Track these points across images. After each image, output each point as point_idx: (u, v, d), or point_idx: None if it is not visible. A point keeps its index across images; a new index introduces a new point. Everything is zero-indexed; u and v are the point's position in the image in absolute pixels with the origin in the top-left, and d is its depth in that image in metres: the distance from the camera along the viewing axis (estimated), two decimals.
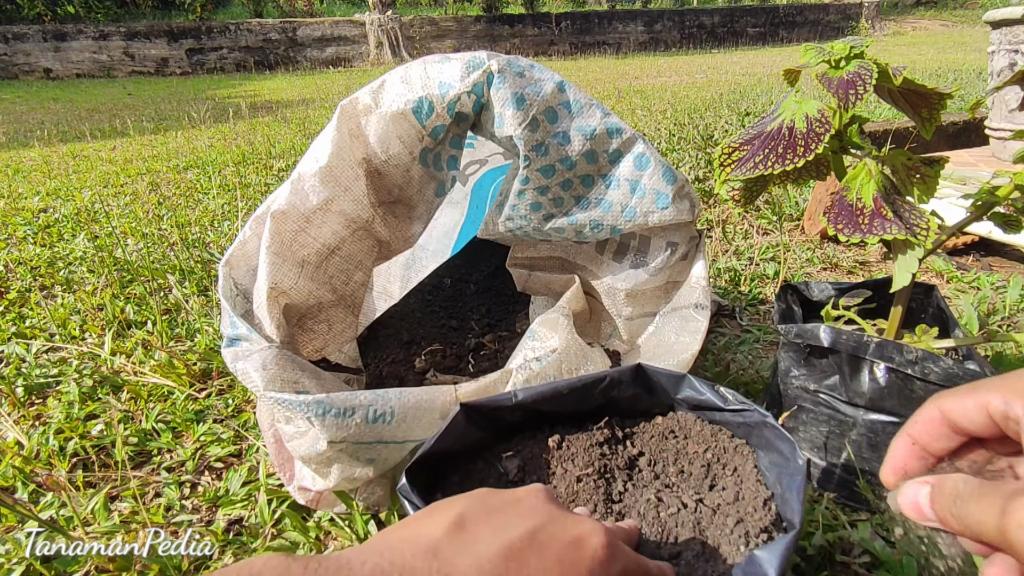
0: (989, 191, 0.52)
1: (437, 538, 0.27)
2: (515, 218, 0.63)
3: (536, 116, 0.56)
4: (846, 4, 10.24)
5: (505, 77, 0.55)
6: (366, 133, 0.57)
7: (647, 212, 0.61)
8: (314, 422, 0.46)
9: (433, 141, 0.58)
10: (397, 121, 0.56)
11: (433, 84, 0.55)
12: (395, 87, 0.56)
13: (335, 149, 0.56)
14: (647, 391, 0.49)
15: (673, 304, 0.69)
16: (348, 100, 0.56)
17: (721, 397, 0.46)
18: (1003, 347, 0.78)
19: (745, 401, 0.45)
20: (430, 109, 0.55)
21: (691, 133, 2.29)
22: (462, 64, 0.55)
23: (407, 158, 0.57)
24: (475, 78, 0.55)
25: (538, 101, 0.56)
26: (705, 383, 0.47)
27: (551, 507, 0.30)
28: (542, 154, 0.58)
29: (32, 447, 0.70)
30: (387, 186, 0.59)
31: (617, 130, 0.59)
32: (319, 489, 0.55)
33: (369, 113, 0.56)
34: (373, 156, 0.57)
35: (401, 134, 0.57)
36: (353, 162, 0.57)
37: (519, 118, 0.55)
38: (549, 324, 0.59)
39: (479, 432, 0.46)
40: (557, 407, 0.47)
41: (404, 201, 0.62)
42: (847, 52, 0.48)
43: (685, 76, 5.07)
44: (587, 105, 0.59)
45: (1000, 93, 1.55)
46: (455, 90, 0.55)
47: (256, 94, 5.07)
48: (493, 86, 0.55)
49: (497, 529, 0.28)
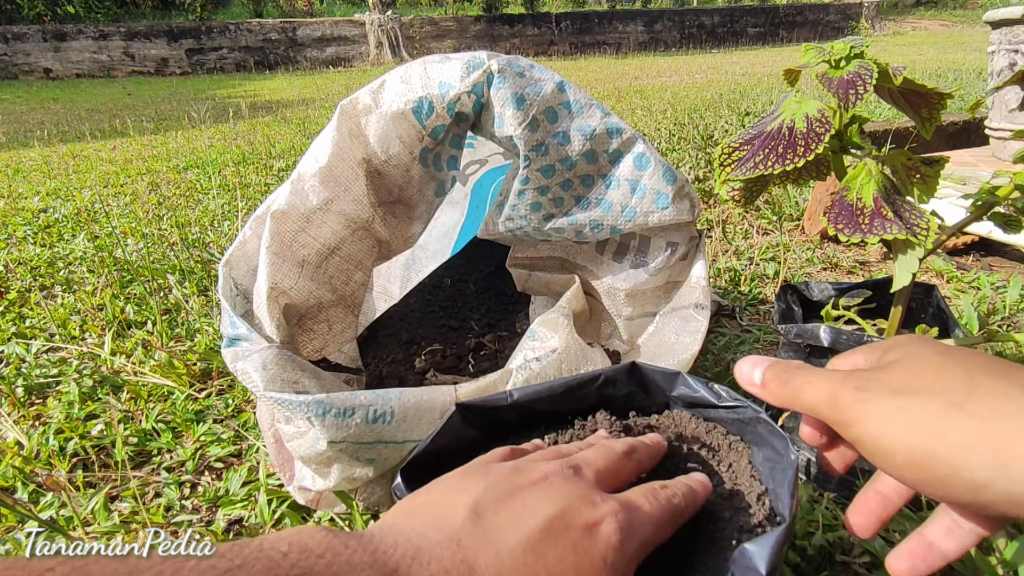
0: (989, 191, 0.52)
1: (459, 526, 0.28)
2: (515, 218, 0.63)
3: (536, 116, 0.56)
4: (846, 4, 10.25)
5: (505, 77, 0.55)
6: (366, 133, 0.57)
7: (647, 212, 0.61)
8: (314, 422, 0.46)
9: (433, 141, 0.58)
10: (397, 121, 0.56)
11: (433, 84, 0.55)
12: (395, 87, 0.56)
13: (335, 149, 0.56)
14: (642, 389, 0.49)
15: (673, 304, 0.69)
16: (348, 100, 0.56)
17: (715, 394, 0.46)
18: (1003, 347, 0.78)
19: (739, 398, 0.45)
20: (430, 109, 0.55)
21: (691, 133, 2.29)
22: (462, 64, 0.55)
23: (407, 158, 0.57)
24: (475, 78, 0.55)
25: (538, 101, 0.56)
26: (700, 380, 0.47)
27: (569, 488, 0.31)
28: (542, 154, 0.58)
29: (32, 447, 0.70)
30: (387, 186, 0.59)
31: (617, 130, 0.59)
32: (319, 489, 0.55)
33: (369, 113, 0.56)
34: (373, 156, 0.57)
35: (401, 134, 0.57)
36: (353, 162, 0.57)
37: (519, 118, 0.55)
38: (549, 324, 0.59)
39: (474, 431, 0.46)
40: (552, 406, 0.47)
41: (404, 201, 0.62)
42: (847, 52, 0.48)
43: (685, 76, 5.07)
44: (587, 105, 0.59)
45: (1000, 93, 1.55)
46: (455, 90, 0.55)
47: (256, 94, 5.07)
48: (493, 86, 0.55)
49: (515, 519, 0.28)
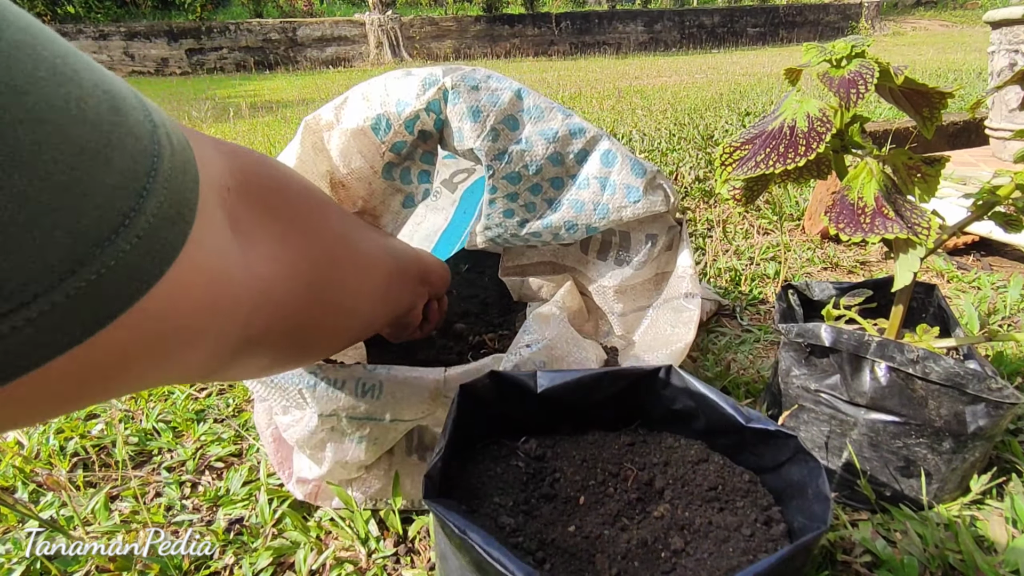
0: (990, 191, 0.52)
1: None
2: (492, 227, 0.63)
3: (495, 126, 0.57)
4: (846, 4, 10.25)
5: (460, 92, 0.56)
6: (328, 148, 0.58)
7: (620, 207, 0.61)
8: (305, 394, 0.48)
9: (397, 156, 0.58)
10: (357, 137, 0.57)
11: (391, 102, 0.56)
12: (356, 104, 0.57)
13: (299, 163, 0.57)
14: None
15: (664, 296, 0.69)
16: (312, 116, 0.58)
17: (745, 417, 0.43)
18: (1004, 346, 0.78)
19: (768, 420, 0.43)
20: (387, 127, 0.56)
21: (691, 133, 2.29)
22: (419, 82, 0.56)
23: (368, 172, 0.58)
24: (430, 95, 0.56)
25: (495, 111, 0.57)
26: (731, 403, 0.44)
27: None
28: (506, 162, 0.58)
29: (32, 447, 0.70)
30: (351, 197, 0.61)
31: (580, 130, 0.60)
32: (316, 477, 0.55)
33: (331, 128, 0.58)
34: (335, 169, 0.59)
35: (362, 149, 0.58)
36: (317, 175, 0.58)
37: (476, 130, 0.56)
38: (542, 318, 0.60)
39: (494, 412, 0.46)
40: (579, 397, 0.47)
41: (369, 211, 0.63)
42: (848, 51, 0.48)
43: (685, 76, 5.07)
44: (547, 109, 0.59)
45: (1000, 93, 1.55)
46: (411, 108, 0.56)
47: (256, 94, 5.07)
48: (449, 102, 0.56)
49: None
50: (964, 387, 0.50)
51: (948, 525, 0.52)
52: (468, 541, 0.30)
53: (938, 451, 0.52)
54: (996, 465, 0.60)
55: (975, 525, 0.53)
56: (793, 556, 0.30)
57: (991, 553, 0.50)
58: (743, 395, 0.73)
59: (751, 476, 0.43)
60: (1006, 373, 0.73)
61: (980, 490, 0.55)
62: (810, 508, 0.36)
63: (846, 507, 0.57)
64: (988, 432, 0.51)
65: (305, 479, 0.57)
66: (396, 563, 0.54)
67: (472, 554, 0.31)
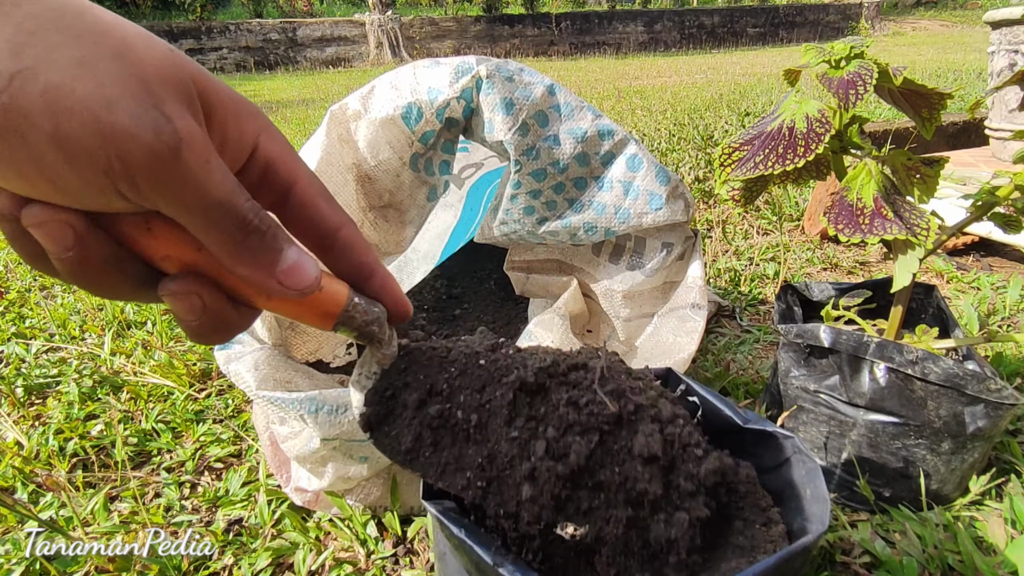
0: (989, 191, 0.52)
1: None
2: (509, 222, 0.63)
3: (526, 120, 0.56)
4: (846, 4, 10.25)
5: (494, 82, 0.55)
6: (355, 139, 0.57)
7: (641, 213, 0.61)
8: (307, 419, 0.46)
9: (423, 146, 0.58)
10: (386, 127, 0.56)
11: (422, 90, 0.55)
12: (384, 93, 0.56)
13: (324, 154, 0.56)
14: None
15: (670, 304, 0.69)
16: (338, 105, 0.57)
17: (743, 418, 0.44)
18: (1003, 347, 0.78)
19: (763, 419, 0.43)
20: (419, 115, 0.55)
21: (691, 133, 2.29)
22: (451, 69, 0.55)
23: (397, 163, 0.57)
24: (464, 83, 0.55)
25: (527, 105, 0.56)
26: (729, 404, 0.45)
27: None
28: (533, 158, 0.58)
29: (32, 447, 0.70)
30: (377, 191, 0.59)
31: (609, 132, 0.59)
32: (315, 489, 0.55)
33: (358, 119, 0.56)
34: (363, 161, 0.57)
35: (390, 139, 0.57)
36: (342, 167, 0.57)
37: (508, 123, 0.55)
38: (544, 325, 0.59)
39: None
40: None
41: (395, 206, 0.62)
42: (847, 52, 0.48)
43: (685, 76, 5.07)
44: (578, 108, 0.59)
45: (1000, 93, 1.55)
46: (444, 96, 0.55)
47: (256, 94, 5.07)
48: (482, 91, 0.55)
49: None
50: (963, 388, 0.50)
51: (947, 526, 0.52)
52: (467, 542, 0.30)
53: (937, 452, 0.53)
54: (995, 466, 0.60)
55: (974, 526, 0.53)
56: (792, 557, 0.30)
57: (990, 554, 0.50)
58: (742, 395, 0.73)
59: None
60: (1005, 374, 0.73)
61: (979, 491, 0.55)
62: (809, 509, 0.36)
63: (845, 508, 0.57)
64: (987, 433, 0.51)
65: (304, 489, 0.56)
66: (395, 564, 0.54)
67: (471, 555, 0.31)
